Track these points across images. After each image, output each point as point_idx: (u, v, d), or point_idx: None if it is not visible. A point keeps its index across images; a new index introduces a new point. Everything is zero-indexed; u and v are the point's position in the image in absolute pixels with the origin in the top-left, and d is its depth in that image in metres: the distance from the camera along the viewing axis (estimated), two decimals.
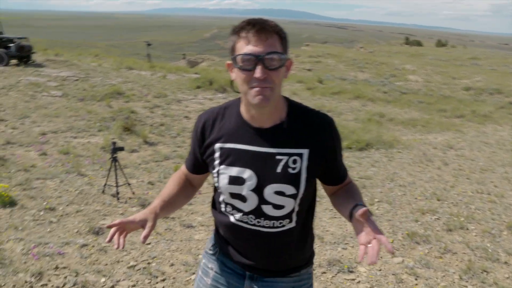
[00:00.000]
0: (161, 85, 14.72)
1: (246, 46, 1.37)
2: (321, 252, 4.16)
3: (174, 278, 3.55)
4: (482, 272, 3.89)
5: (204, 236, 4.48)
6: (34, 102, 10.22)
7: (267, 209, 1.52)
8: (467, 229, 4.90)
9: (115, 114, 9.99)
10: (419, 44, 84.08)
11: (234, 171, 1.51)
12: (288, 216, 1.55)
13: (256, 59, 1.35)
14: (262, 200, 1.51)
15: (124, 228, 1.45)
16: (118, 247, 1.41)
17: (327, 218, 5.15)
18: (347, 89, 20.20)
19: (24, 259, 3.55)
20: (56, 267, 3.47)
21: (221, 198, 1.63)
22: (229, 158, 1.52)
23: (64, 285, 3.22)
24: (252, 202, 1.53)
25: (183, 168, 1.78)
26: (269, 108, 1.46)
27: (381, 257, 4.14)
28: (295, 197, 1.51)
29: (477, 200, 5.98)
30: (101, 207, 5.00)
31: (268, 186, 1.49)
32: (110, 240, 1.41)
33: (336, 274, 3.77)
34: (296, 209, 1.55)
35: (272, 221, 1.54)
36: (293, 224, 1.57)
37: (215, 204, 1.72)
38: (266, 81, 1.37)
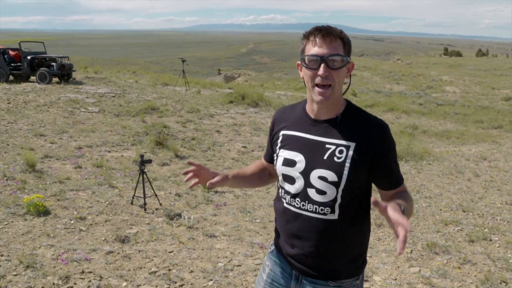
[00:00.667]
0: (195, 100, 15.08)
1: (313, 48, 1.60)
2: None
3: (192, 284, 3.70)
4: (500, 283, 3.86)
5: (225, 246, 4.63)
6: (72, 118, 10.72)
7: (312, 193, 1.68)
8: (490, 240, 4.85)
9: (148, 129, 10.33)
10: (458, 54, 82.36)
11: (289, 154, 1.73)
12: (330, 205, 1.66)
13: (321, 59, 1.58)
14: (308, 183, 1.68)
15: (198, 174, 1.77)
16: (189, 184, 1.75)
17: None
18: (381, 102, 20.07)
19: (53, 264, 3.80)
20: (82, 272, 3.70)
21: (278, 183, 1.85)
22: (288, 143, 1.75)
23: None
24: (299, 184, 1.70)
25: (263, 162, 2.04)
26: (328, 104, 1.66)
27: (397, 267, 4.17)
28: (337, 185, 1.63)
29: (504, 212, 5.88)
30: (128, 217, 5.23)
31: (314, 170, 1.66)
32: (186, 173, 1.76)
33: None
34: (339, 200, 1.66)
35: (315, 206, 1.68)
36: (335, 216, 1.67)
37: (277, 195, 1.90)
38: (328, 78, 1.59)
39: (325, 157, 1.65)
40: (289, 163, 1.73)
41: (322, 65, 1.58)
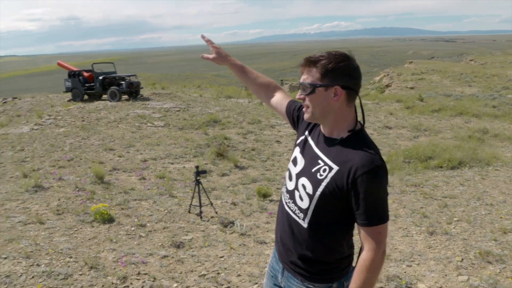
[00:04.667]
0: (257, 111, 15.40)
1: None
2: (384, 269, 4.24)
3: (237, 286, 3.91)
4: None
5: None
6: (139, 132, 11.40)
7: (297, 195, 1.86)
8: None
9: (210, 141, 10.74)
10: None
11: (298, 155, 1.92)
12: (304, 212, 1.83)
13: (299, 85, 1.83)
14: (296, 186, 1.87)
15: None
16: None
17: (398, 237, 5.18)
18: (450, 106, 19.31)
19: (114, 266, 4.17)
20: (138, 273, 4.03)
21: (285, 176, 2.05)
22: (302, 145, 1.94)
23: (142, 287, 3.76)
24: (292, 183, 1.90)
25: (283, 92, 2.24)
26: (324, 122, 1.83)
27: (445, 275, 4.13)
28: (310, 197, 1.79)
29: None
30: (185, 225, 5.55)
31: (303, 177, 1.84)
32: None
33: None
34: (310, 213, 1.80)
35: (295, 207, 1.87)
36: (304, 224, 1.83)
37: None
38: (305, 101, 1.81)
39: (313, 170, 1.81)
40: (295, 161, 1.92)
41: (299, 91, 1.82)
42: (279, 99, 2.18)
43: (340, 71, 1.73)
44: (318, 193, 1.75)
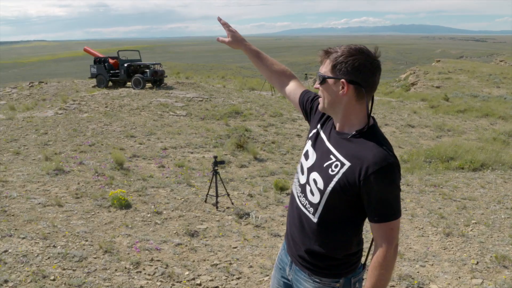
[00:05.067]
0: (279, 105, 15.37)
1: None
2: (397, 268, 4.20)
3: (248, 277, 3.93)
4: None
5: None
6: (161, 120, 11.50)
7: (307, 190, 1.86)
8: None
9: (231, 132, 10.77)
10: None
11: (310, 149, 1.91)
12: (315, 207, 1.82)
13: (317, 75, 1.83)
14: (308, 180, 1.86)
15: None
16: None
17: (414, 236, 5.12)
18: (475, 107, 18.92)
19: (128, 251, 4.24)
20: (152, 259, 4.09)
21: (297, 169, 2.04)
22: (315, 139, 1.92)
23: (154, 273, 3.83)
24: (304, 177, 1.89)
25: (297, 81, 2.21)
26: (334, 116, 1.83)
27: (458, 277, 4.07)
28: (321, 193, 1.78)
29: None
30: (201, 214, 5.60)
31: (314, 172, 1.83)
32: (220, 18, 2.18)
33: None
34: (320, 208, 1.80)
35: (306, 202, 1.86)
36: (314, 219, 1.83)
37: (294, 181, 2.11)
38: (319, 91, 1.83)
39: (324, 165, 1.79)
40: (307, 156, 1.91)
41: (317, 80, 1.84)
42: (293, 88, 2.16)
43: (348, 65, 1.70)
44: (329, 188, 1.74)
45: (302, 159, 1.94)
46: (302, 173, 1.91)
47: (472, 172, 8.41)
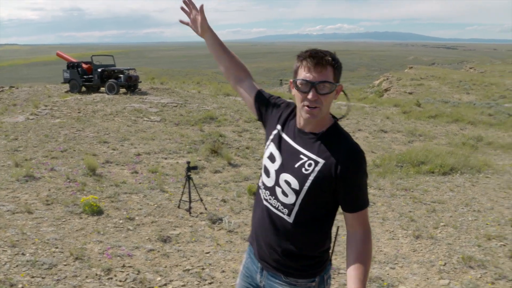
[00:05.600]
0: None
1: (304, 73, 1.74)
2: None
3: (220, 282, 3.94)
4: None
5: None
6: (135, 126, 11.42)
7: (278, 191, 1.87)
8: None
9: (205, 137, 10.76)
10: None
11: (274, 151, 1.91)
12: (289, 208, 1.84)
13: (311, 85, 1.72)
14: (277, 182, 1.87)
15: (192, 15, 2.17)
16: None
17: (384, 239, 5.22)
18: (446, 113, 19.37)
19: (99, 257, 4.21)
20: (123, 266, 4.07)
21: (261, 171, 2.03)
22: (277, 141, 1.92)
23: (125, 280, 3.80)
24: (271, 180, 1.90)
25: (253, 80, 2.15)
26: (318, 120, 1.81)
27: (426, 278, 4.17)
28: (297, 193, 1.81)
29: None
30: (173, 220, 5.58)
31: (284, 173, 1.85)
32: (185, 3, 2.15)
33: None
34: (296, 207, 1.82)
35: (278, 203, 1.87)
36: (290, 220, 1.85)
37: (258, 185, 2.07)
38: (317, 102, 1.73)
39: (296, 165, 1.82)
40: (271, 158, 1.91)
41: (312, 90, 1.71)
42: (248, 86, 2.12)
43: (341, 69, 1.79)
44: (305, 187, 1.78)
45: (267, 161, 1.93)
46: (268, 176, 1.92)
47: (442, 176, 8.61)
